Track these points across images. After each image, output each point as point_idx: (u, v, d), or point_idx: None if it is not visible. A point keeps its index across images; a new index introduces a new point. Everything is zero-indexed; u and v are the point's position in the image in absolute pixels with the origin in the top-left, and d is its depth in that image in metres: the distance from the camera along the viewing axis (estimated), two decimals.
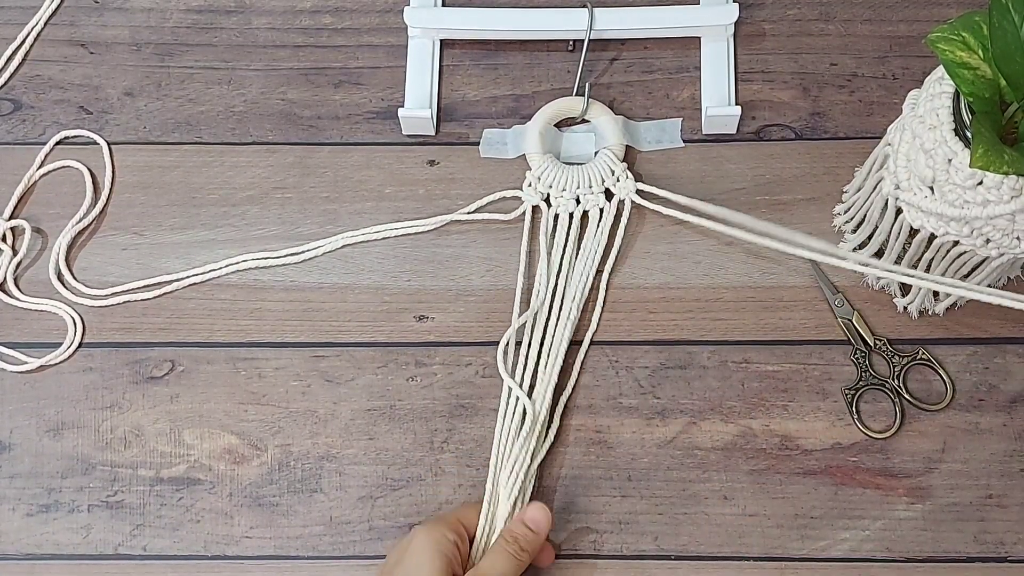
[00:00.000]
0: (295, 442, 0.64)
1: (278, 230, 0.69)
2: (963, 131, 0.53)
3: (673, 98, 0.72)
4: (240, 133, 0.72)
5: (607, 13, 0.71)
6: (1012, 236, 0.55)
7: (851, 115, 0.70)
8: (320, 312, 0.67)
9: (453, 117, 0.72)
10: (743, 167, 0.70)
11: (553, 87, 0.72)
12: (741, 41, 0.73)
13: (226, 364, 0.66)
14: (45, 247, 0.69)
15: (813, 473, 0.63)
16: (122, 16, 0.76)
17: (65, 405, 0.66)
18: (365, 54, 0.74)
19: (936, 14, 0.73)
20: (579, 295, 0.66)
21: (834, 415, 0.64)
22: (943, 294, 0.63)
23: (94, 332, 0.67)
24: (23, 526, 0.63)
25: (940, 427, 0.63)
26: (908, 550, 0.61)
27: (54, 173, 0.71)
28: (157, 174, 0.71)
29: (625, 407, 0.64)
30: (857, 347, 0.65)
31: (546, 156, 0.68)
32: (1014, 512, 0.62)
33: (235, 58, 0.74)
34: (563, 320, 0.65)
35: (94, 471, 0.64)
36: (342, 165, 0.71)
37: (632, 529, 0.62)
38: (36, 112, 0.73)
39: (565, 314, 0.65)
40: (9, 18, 0.75)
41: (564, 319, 0.65)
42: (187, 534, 0.63)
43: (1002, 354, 0.64)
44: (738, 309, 0.66)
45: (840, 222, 0.67)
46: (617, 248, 0.67)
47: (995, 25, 0.50)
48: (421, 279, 0.68)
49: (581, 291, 0.66)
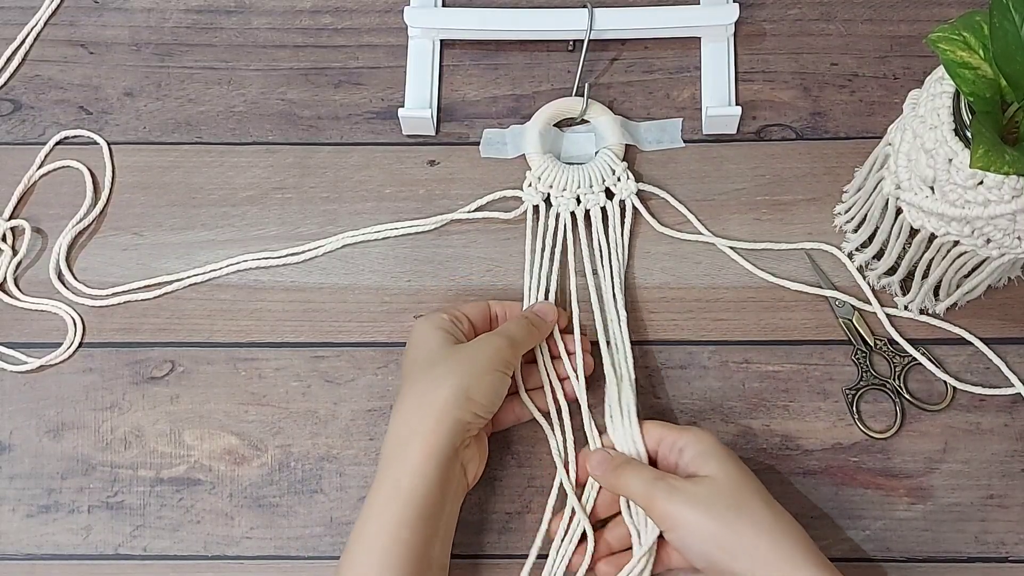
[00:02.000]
0: (295, 443, 0.64)
1: (278, 230, 0.69)
2: (963, 131, 0.53)
3: (673, 98, 0.72)
4: (240, 133, 0.72)
5: (607, 13, 0.71)
6: (1013, 236, 0.55)
7: (852, 115, 0.70)
8: (320, 312, 0.67)
9: (453, 117, 0.72)
10: (743, 167, 0.70)
11: (553, 87, 0.72)
12: (741, 41, 0.73)
13: (226, 364, 0.66)
14: (45, 247, 0.69)
15: (813, 473, 0.63)
16: (122, 16, 0.76)
17: (65, 405, 0.66)
18: (365, 54, 0.74)
19: (937, 14, 0.73)
20: (620, 294, 0.65)
21: (835, 415, 0.64)
22: (943, 294, 0.63)
23: (94, 332, 0.67)
24: (23, 527, 0.63)
25: (941, 427, 0.63)
26: (908, 550, 0.61)
27: (54, 173, 0.71)
28: (157, 174, 0.71)
29: None
30: (858, 347, 0.65)
31: (546, 156, 0.68)
32: (1015, 512, 0.62)
33: (235, 58, 0.74)
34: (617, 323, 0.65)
35: (94, 472, 0.64)
36: (342, 165, 0.71)
37: None
38: (36, 112, 0.73)
39: (614, 318, 0.65)
40: (9, 18, 0.75)
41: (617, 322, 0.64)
42: (187, 534, 0.63)
43: (1002, 354, 0.64)
44: (738, 309, 0.66)
45: (840, 222, 0.67)
46: (622, 248, 0.67)
47: (996, 25, 0.50)
48: (421, 279, 0.68)
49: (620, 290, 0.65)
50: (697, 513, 0.53)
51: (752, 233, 0.68)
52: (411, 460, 0.55)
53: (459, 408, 0.56)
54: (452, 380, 0.56)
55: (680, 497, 0.53)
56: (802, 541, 0.53)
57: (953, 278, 0.60)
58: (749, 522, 0.52)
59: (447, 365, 0.57)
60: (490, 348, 0.58)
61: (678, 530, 0.53)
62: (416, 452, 0.55)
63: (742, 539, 0.52)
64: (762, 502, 0.53)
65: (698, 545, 0.53)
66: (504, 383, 0.58)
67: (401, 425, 0.56)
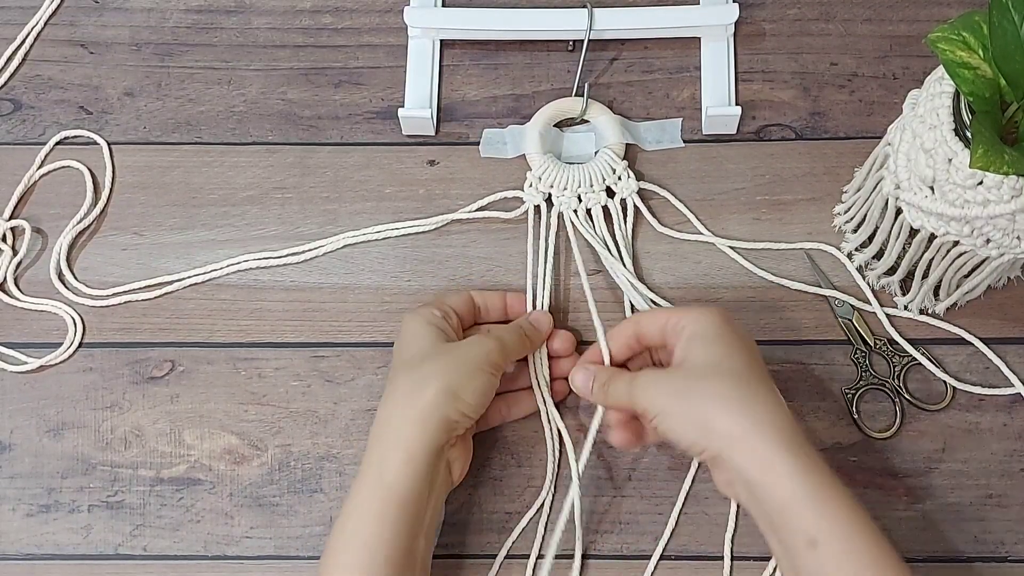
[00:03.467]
0: (295, 442, 0.64)
1: (278, 230, 0.69)
2: (963, 131, 0.53)
3: (673, 98, 0.72)
4: (240, 133, 0.72)
5: (607, 13, 0.71)
6: (1012, 236, 0.55)
7: (851, 115, 0.70)
8: (320, 312, 0.67)
9: (453, 117, 0.72)
10: (743, 167, 0.70)
11: (553, 87, 0.72)
12: (741, 41, 0.73)
13: (226, 364, 0.66)
14: (45, 247, 0.69)
15: None
16: (122, 16, 0.76)
17: (65, 405, 0.66)
18: (365, 54, 0.74)
19: (936, 14, 0.73)
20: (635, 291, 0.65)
21: (834, 415, 0.64)
22: (943, 294, 0.63)
23: (94, 332, 0.67)
24: (23, 526, 0.63)
25: (940, 427, 0.63)
26: (908, 550, 0.61)
27: (54, 173, 0.71)
28: (157, 174, 0.71)
29: None
30: (857, 347, 0.65)
31: (546, 156, 0.68)
32: (1014, 512, 0.62)
33: (235, 58, 0.74)
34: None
35: (94, 471, 0.64)
36: (342, 165, 0.71)
37: (632, 529, 0.62)
38: (36, 112, 0.73)
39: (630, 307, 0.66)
40: (9, 18, 0.75)
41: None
42: (187, 534, 0.63)
43: (1002, 354, 0.64)
44: (738, 309, 0.66)
45: (840, 222, 0.67)
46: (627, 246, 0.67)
47: (995, 25, 0.50)
48: (421, 279, 0.68)
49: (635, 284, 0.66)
50: (672, 400, 0.54)
51: (752, 233, 0.68)
52: (396, 457, 0.55)
53: (446, 407, 0.55)
54: (441, 378, 0.56)
55: (656, 389, 0.55)
56: (781, 423, 0.52)
57: (953, 278, 0.61)
58: (724, 407, 0.52)
59: (437, 363, 0.57)
60: (481, 350, 0.58)
61: (659, 418, 0.54)
62: (401, 449, 0.55)
63: (717, 422, 0.52)
64: (739, 384, 0.53)
65: (679, 430, 0.53)
66: (492, 384, 0.58)
67: (387, 421, 0.56)
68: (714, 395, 0.52)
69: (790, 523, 0.50)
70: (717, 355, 0.54)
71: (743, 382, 0.53)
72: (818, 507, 0.49)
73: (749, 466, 0.51)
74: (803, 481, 0.50)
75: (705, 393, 0.53)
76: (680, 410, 0.53)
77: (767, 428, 0.51)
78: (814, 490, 0.50)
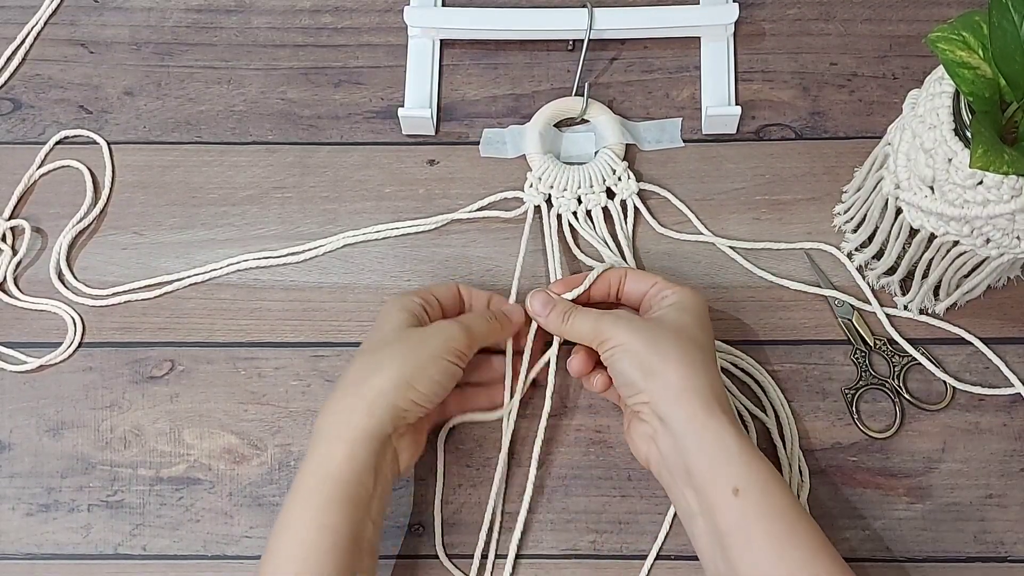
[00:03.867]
0: (295, 442, 0.64)
1: (278, 230, 0.69)
2: (963, 131, 0.53)
3: (673, 98, 0.72)
4: (240, 133, 0.72)
5: (607, 13, 0.71)
6: (1012, 235, 0.55)
7: (851, 115, 0.70)
8: (320, 312, 0.67)
9: (453, 117, 0.72)
10: (743, 167, 0.70)
11: (553, 87, 0.72)
12: (741, 41, 0.73)
13: (226, 364, 0.66)
14: (45, 247, 0.69)
15: (813, 473, 0.62)
16: (122, 16, 0.76)
17: (65, 405, 0.66)
18: (365, 54, 0.74)
19: (936, 14, 0.73)
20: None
21: (834, 415, 0.64)
22: (943, 294, 0.63)
23: (94, 332, 0.67)
24: (23, 526, 0.63)
25: (940, 427, 0.63)
26: (908, 550, 0.61)
27: (54, 173, 0.71)
28: (157, 174, 0.71)
29: None
30: (857, 347, 0.65)
31: (546, 156, 0.68)
32: (1014, 512, 0.62)
33: (235, 58, 0.74)
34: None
35: (94, 471, 0.64)
36: (342, 165, 0.71)
37: (632, 529, 0.62)
38: (36, 112, 0.73)
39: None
40: (9, 18, 0.75)
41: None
42: (187, 534, 0.63)
43: (1001, 354, 0.64)
44: (738, 309, 0.66)
45: (840, 222, 0.67)
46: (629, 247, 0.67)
47: (995, 24, 0.50)
48: (421, 279, 0.68)
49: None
50: (630, 334, 0.56)
51: (752, 233, 0.68)
52: (340, 448, 0.54)
53: (396, 394, 0.55)
54: (394, 365, 0.55)
55: (622, 324, 0.57)
56: (720, 394, 0.55)
57: (953, 278, 0.61)
58: (674, 355, 0.55)
59: (393, 349, 0.56)
60: (442, 336, 0.57)
61: (616, 349, 0.56)
62: (346, 440, 0.54)
63: (667, 372, 0.54)
64: (699, 352, 0.56)
65: (628, 367, 0.55)
66: (451, 374, 0.57)
67: (334, 404, 0.55)
68: (674, 349, 0.55)
69: (717, 472, 0.53)
70: (689, 324, 0.57)
71: (702, 353, 0.56)
72: (744, 459, 0.53)
73: (682, 416, 0.54)
74: (736, 435, 0.53)
75: (667, 344, 0.55)
76: (637, 348, 0.55)
77: (706, 391, 0.54)
78: (742, 446, 0.53)
